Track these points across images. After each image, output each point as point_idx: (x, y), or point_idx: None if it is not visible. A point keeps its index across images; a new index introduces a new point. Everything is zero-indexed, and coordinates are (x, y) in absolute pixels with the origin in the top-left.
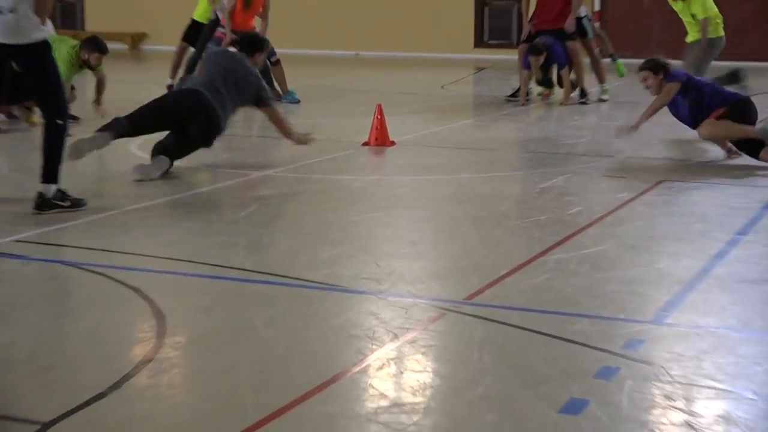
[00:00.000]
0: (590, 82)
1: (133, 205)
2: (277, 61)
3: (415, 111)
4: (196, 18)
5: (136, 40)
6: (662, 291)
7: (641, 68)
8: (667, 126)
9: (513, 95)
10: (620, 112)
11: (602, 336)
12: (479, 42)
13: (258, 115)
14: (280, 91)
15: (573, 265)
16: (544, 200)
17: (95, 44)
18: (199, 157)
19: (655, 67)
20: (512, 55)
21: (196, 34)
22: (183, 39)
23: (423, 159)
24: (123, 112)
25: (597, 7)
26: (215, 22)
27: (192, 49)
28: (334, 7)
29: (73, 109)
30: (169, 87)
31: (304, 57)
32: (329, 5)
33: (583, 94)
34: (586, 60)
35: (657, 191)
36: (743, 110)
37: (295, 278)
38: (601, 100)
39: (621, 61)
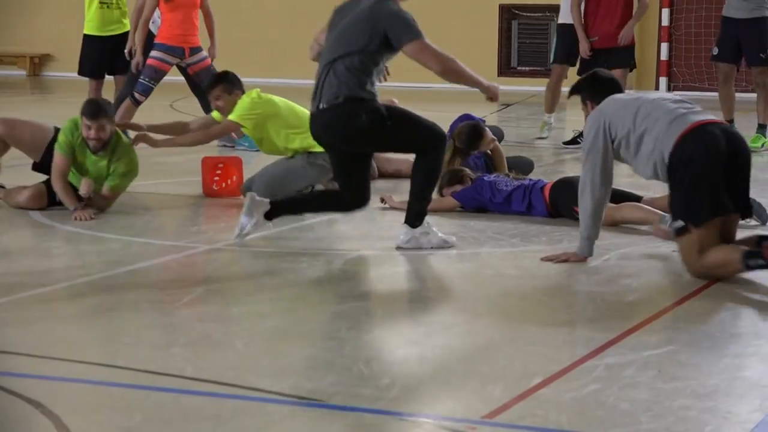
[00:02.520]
0: None
1: (34, 289)
2: None
3: None
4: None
5: (37, 64)
6: (751, 407)
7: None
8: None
9: (574, 140)
10: None
11: None
12: (505, 68)
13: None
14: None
15: (631, 372)
16: (592, 283)
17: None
18: (122, 223)
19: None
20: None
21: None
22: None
23: None
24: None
25: (665, 21)
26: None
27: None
28: (304, 31)
29: None
30: None
31: (277, 87)
32: (300, 29)
33: None
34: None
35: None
36: None
37: (253, 389)
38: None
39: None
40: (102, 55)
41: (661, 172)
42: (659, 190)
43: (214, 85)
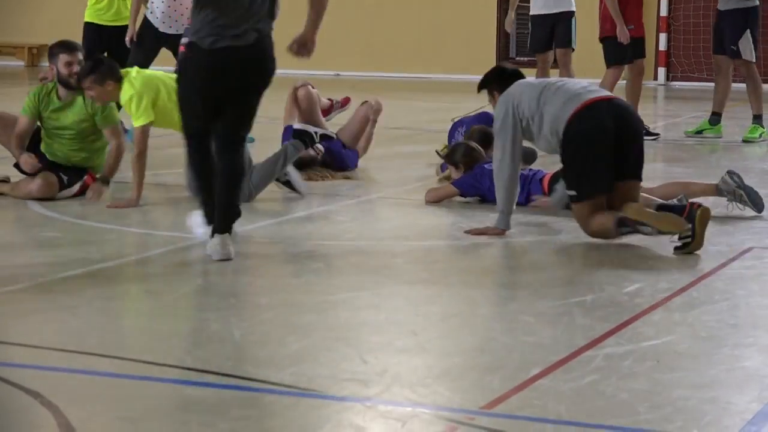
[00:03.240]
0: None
1: (32, 280)
2: None
3: (416, 153)
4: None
5: (35, 54)
6: (750, 398)
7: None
8: (762, 173)
9: None
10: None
11: None
12: (503, 58)
13: None
14: None
15: (629, 363)
16: (591, 273)
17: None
18: (121, 214)
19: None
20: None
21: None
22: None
23: (425, 217)
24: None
25: (664, 12)
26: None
27: None
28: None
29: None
30: None
31: None
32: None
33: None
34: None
35: (744, 262)
36: None
37: (252, 379)
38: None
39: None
40: (100, 43)
41: (556, 146)
42: (656, 180)
43: (86, 76)
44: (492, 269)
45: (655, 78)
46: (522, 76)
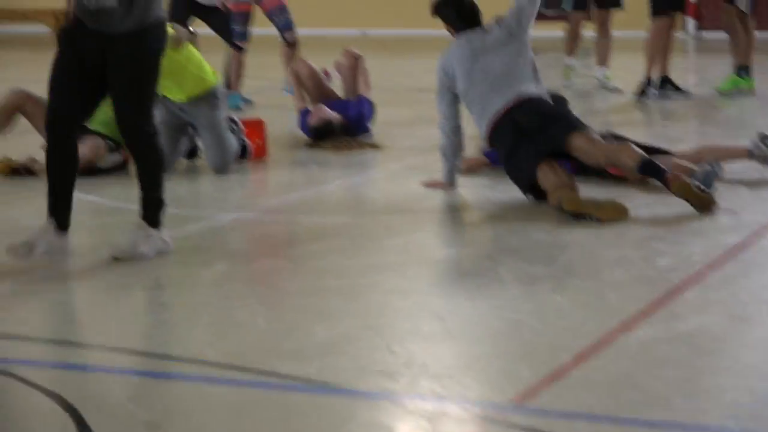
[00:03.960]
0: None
1: (49, 266)
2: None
3: None
4: None
5: (61, 19)
6: None
7: None
8: None
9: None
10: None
11: None
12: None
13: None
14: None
15: (664, 348)
16: (620, 247)
17: None
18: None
19: None
20: (587, 31)
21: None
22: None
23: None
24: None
25: None
26: None
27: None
28: None
29: None
30: None
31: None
32: None
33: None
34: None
35: None
36: None
37: (275, 374)
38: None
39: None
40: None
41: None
42: (689, 141)
43: None
44: (519, 245)
45: (684, 28)
46: (476, 19)
